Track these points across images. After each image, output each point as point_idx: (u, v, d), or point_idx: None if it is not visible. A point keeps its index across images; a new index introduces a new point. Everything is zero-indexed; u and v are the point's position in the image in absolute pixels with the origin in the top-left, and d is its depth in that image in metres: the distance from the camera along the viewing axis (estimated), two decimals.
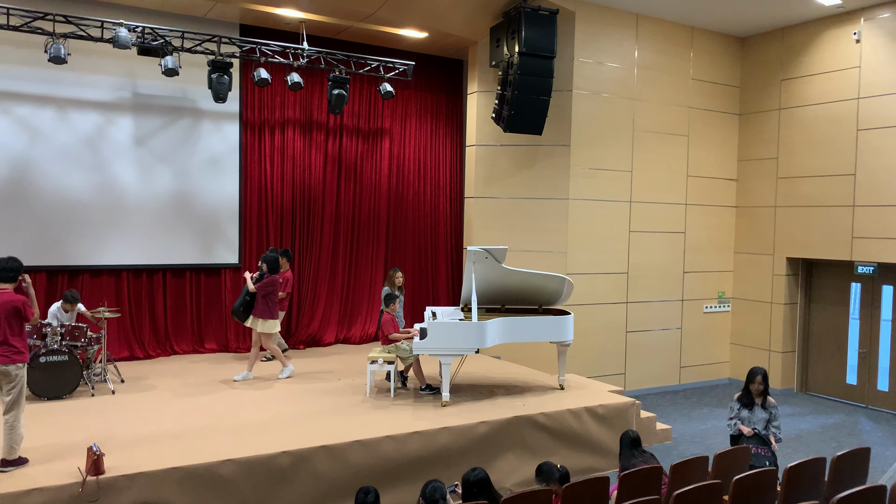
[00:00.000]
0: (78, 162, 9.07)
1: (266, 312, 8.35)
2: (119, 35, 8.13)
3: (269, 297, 8.34)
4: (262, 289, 8.29)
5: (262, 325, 8.35)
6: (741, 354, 11.81)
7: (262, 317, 8.34)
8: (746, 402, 6.38)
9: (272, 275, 8.41)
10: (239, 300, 8.48)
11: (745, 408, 6.37)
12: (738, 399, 6.47)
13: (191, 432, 6.30)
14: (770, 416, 6.30)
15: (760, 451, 6.13)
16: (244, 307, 8.43)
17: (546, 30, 9.26)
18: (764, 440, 6.20)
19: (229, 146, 10.00)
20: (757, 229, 11.60)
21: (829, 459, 5.08)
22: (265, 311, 8.34)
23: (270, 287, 8.35)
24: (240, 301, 8.45)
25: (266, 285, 8.32)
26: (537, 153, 10.30)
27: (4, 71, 8.62)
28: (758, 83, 11.57)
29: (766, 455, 6.14)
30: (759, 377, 6.36)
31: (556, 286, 8.23)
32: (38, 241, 8.85)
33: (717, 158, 11.70)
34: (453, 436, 6.59)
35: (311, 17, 9.49)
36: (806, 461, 4.79)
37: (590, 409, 7.45)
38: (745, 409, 6.37)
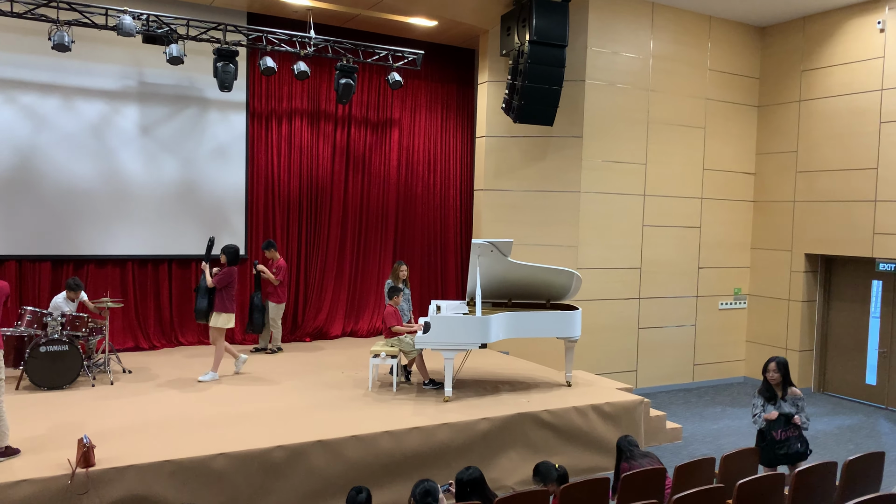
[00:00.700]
0: (83, 150, 9.02)
1: (220, 306, 7.90)
2: (123, 22, 8.06)
3: (226, 290, 7.91)
4: (219, 282, 7.87)
5: (215, 318, 7.92)
6: (757, 353, 11.53)
7: (216, 310, 7.92)
8: (768, 396, 5.99)
9: (231, 266, 8.02)
10: (202, 300, 7.91)
11: (769, 402, 5.96)
12: (760, 393, 6.06)
13: (186, 424, 6.21)
14: (797, 408, 5.89)
15: (790, 433, 5.78)
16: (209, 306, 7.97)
17: (558, 18, 9.04)
18: (789, 420, 5.81)
19: (236, 136, 9.91)
20: (775, 225, 11.29)
21: (841, 463, 4.86)
22: (220, 304, 7.90)
23: (228, 279, 7.92)
24: (203, 301, 7.90)
25: (223, 278, 7.89)
26: (549, 145, 10.08)
27: (10, 59, 8.58)
28: (778, 74, 11.25)
29: (795, 435, 5.77)
30: (773, 364, 5.96)
31: (564, 281, 8.04)
32: (43, 230, 8.82)
33: (735, 152, 11.40)
34: (453, 432, 6.44)
35: (319, 4, 9.35)
36: (815, 465, 4.58)
37: (596, 407, 7.26)
38: (770, 403, 5.96)
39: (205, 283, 7.93)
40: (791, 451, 5.73)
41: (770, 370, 5.95)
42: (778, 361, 5.97)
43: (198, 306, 7.94)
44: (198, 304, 7.93)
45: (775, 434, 5.80)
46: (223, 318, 7.94)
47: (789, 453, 5.73)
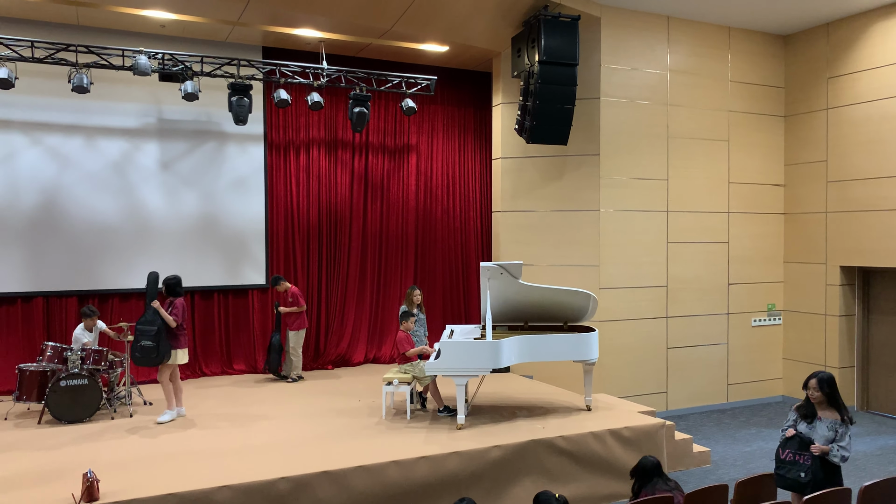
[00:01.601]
0: (106, 188, 9.26)
1: (177, 342, 7.43)
2: (138, 62, 8.28)
3: (181, 325, 7.46)
4: (178, 317, 7.40)
5: (173, 356, 7.43)
6: (795, 370, 11.09)
7: (175, 347, 7.43)
8: (806, 413, 5.37)
9: (176, 298, 7.51)
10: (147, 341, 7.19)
11: (804, 419, 5.34)
12: (797, 409, 5.47)
13: (195, 456, 6.22)
14: (836, 435, 5.19)
15: (798, 458, 5.18)
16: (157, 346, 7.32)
17: (567, 37, 8.96)
18: (806, 444, 5.22)
19: (254, 167, 10.05)
20: (807, 237, 10.91)
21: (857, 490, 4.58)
22: (176, 340, 7.42)
23: (183, 313, 7.48)
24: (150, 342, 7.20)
25: (180, 312, 7.44)
26: (566, 164, 9.96)
27: (35, 102, 8.90)
28: (803, 82, 10.94)
29: (805, 462, 5.14)
30: (813, 381, 5.30)
31: (580, 302, 7.88)
32: (68, 266, 9.05)
33: (762, 163, 11.09)
34: (463, 461, 6.31)
35: (330, 36, 9.48)
36: (826, 492, 4.32)
37: (614, 432, 7.04)
38: (804, 420, 5.34)
39: (158, 322, 7.26)
40: (788, 477, 5.21)
41: (810, 387, 5.35)
42: (820, 378, 5.32)
43: (143, 349, 7.17)
44: (143, 344, 7.18)
45: (781, 452, 5.36)
46: (181, 354, 7.46)
47: (787, 478, 5.23)
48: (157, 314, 7.31)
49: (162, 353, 7.27)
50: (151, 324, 7.24)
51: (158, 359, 7.26)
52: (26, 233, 8.89)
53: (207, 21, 8.76)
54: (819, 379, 5.31)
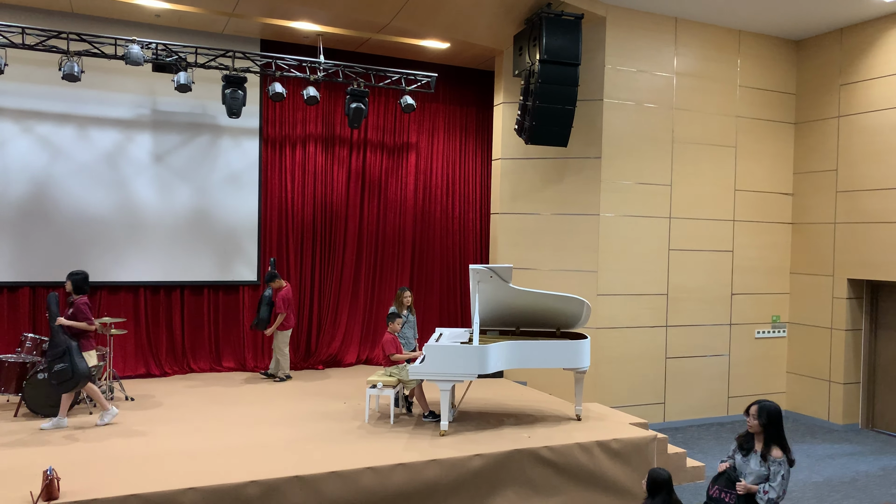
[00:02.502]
0: (98, 179, 9.13)
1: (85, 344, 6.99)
2: (130, 51, 8.15)
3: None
4: (87, 317, 6.96)
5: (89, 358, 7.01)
6: (799, 385, 10.78)
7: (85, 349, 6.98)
8: (742, 445, 5.01)
9: (79, 298, 7.04)
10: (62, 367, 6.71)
11: (741, 451, 5.00)
12: (738, 439, 5.11)
13: (166, 456, 6.05)
14: (769, 474, 4.78)
15: (723, 496, 4.85)
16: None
17: (570, 36, 8.73)
18: (733, 482, 4.88)
19: (249, 162, 9.89)
20: (815, 248, 10.60)
21: None
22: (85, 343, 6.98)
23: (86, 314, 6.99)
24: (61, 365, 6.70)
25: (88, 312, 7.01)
26: (566, 166, 9.73)
27: (27, 90, 8.78)
28: (814, 89, 10.63)
29: (729, 502, 4.85)
30: (754, 408, 4.84)
31: (573, 308, 7.64)
32: (57, 257, 8.92)
33: (770, 171, 10.79)
34: (443, 469, 6.09)
35: (328, 29, 9.30)
36: None
37: (602, 444, 6.80)
38: (740, 452, 5.00)
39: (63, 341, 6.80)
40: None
41: (750, 415, 4.91)
42: (761, 406, 4.85)
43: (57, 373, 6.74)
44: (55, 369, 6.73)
45: (710, 487, 5.01)
46: (88, 356, 7.00)
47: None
48: (60, 332, 6.84)
49: (78, 370, 6.77)
50: (57, 346, 6.79)
51: (76, 378, 6.79)
52: (15, 222, 8.77)
53: (202, 11, 8.61)
54: (760, 407, 4.84)
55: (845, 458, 8.77)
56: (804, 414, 10.63)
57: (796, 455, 8.70)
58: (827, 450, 9.16)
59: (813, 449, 9.17)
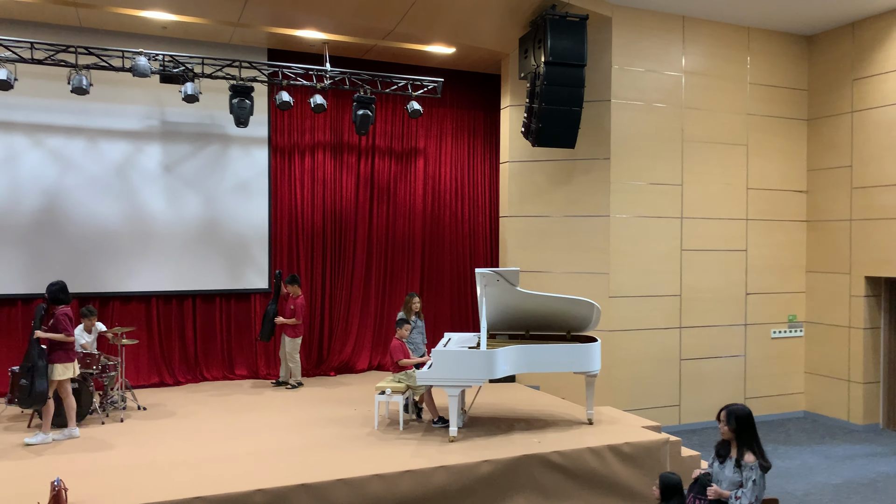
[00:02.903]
0: (108, 190, 9.21)
1: (58, 355, 6.85)
2: (137, 63, 8.21)
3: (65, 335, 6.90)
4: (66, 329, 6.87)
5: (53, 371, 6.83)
6: (817, 385, 10.61)
7: (54, 361, 6.83)
8: (720, 452, 4.85)
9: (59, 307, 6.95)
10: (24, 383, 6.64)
11: (718, 457, 4.85)
12: (715, 446, 4.97)
13: (174, 465, 6.07)
14: (742, 479, 4.64)
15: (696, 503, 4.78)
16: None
17: (575, 37, 8.68)
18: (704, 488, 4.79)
19: (258, 171, 9.94)
20: (831, 245, 10.43)
21: None
22: (58, 354, 6.86)
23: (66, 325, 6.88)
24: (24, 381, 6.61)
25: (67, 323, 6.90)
26: (575, 168, 9.67)
27: (37, 104, 8.89)
28: (827, 85, 10.48)
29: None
30: (723, 414, 4.70)
31: (583, 311, 7.58)
32: (70, 269, 9.00)
33: (783, 169, 10.65)
34: (451, 476, 6.05)
35: (334, 37, 9.33)
36: None
37: (614, 448, 6.72)
38: (717, 459, 4.86)
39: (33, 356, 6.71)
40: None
41: (721, 420, 4.79)
42: (729, 411, 4.71)
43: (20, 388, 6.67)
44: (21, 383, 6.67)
45: (687, 494, 4.90)
46: (60, 368, 6.84)
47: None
48: (35, 345, 6.75)
49: (35, 391, 6.62)
50: (27, 360, 6.72)
51: (32, 398, 6.63)
52: (28, 235, 8.87)
53: (208, 22, 8.67)
54: (728, 412, 4.69)
55: (865, 459, 8.61)
56: (823, 414, 10.45)
57: (814, 456, 8.61)
58: (846, 451, 8.99)
59: (832, 450, 9.01)
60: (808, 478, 7.96)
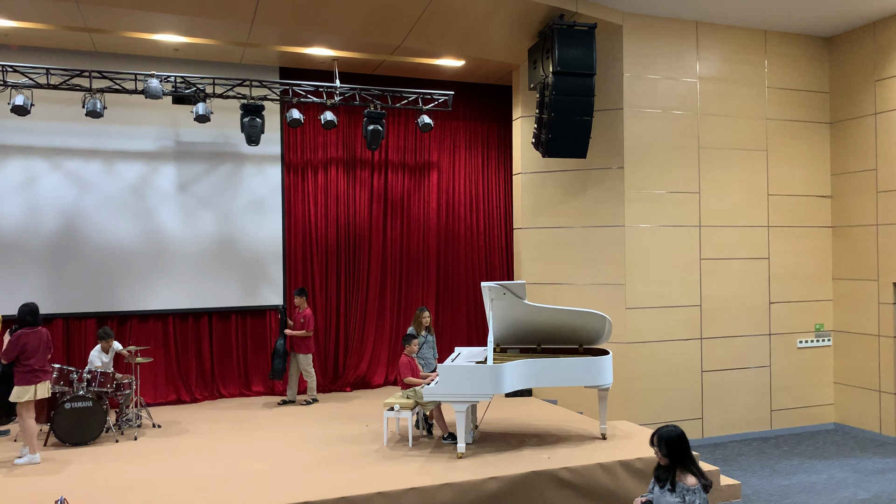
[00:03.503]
0: (124, 211, 9.37)
1: (18, 378, 6.78)
2: (150, 85, 8.36)
3: (19, 359, 6.77)
4: (6, 355, 6.76)
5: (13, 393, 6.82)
6: (847, 396, 10.26)
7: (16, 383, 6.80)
8: (660, 476, 4.41)
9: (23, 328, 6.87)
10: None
11: (658, 482, 4.41)
12: (655, 470, 4.54)
13: (177, 484, 6.08)
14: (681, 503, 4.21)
15: None
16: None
17: (583, 46, 8.59)
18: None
19: (272, 188, 10.01)
20: (857, 251, 10.11)
21: None
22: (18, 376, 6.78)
23: (16, 349, 6.75)
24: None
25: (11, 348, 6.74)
26: (588, 178, 9.54)
27: (55, 128, 9.09)
28: (849, 87, 10.21)
29: None
30: (655, 437, 4.32)
31: (594, 324, 7.44)
32: (88, 288, 9.16)
33: (806, 174, 10.37)
34: (456, 493, 5.96)
35: (343, 54, 9.39)
36: None
37: (625, 463, 6.56)
38: (658, 484, 4.41)
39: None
40: None
41: (653, 445, 4.39)
42: (659, 435, 4.32)
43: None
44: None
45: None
46: (19, 391, 6.77)
47: None
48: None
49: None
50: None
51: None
52: (47, 255, 9.05)
53: (217, 42, 8.79)
54: (658, 436, 4.32)
55: (892, 474, 8.27)
56: (854, 426, 10.10)
57: (843, 470, 8.33)
58: (877, 464, 8.66)
59: (861, 463, 8.69)
60: (834, 493, 7.67)
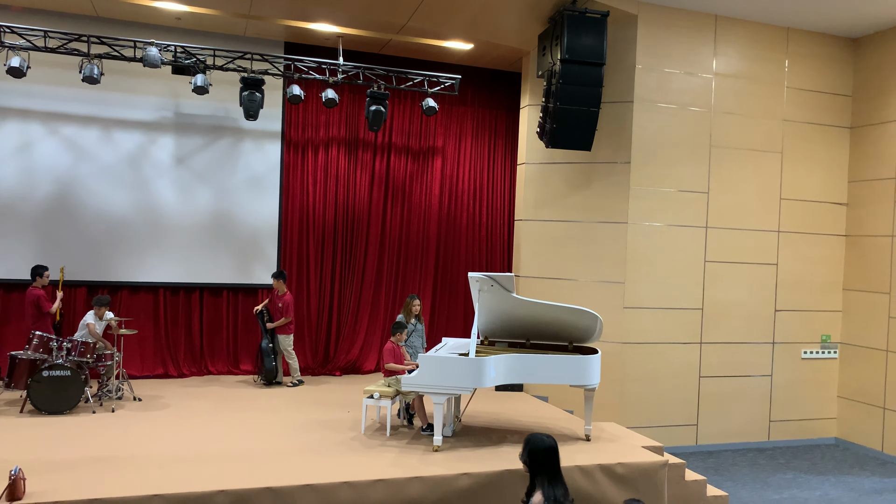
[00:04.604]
0: (120, 180, 9.25)
1: None
2: (148, 54, 8.21)
3: None
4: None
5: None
6: (851, 411, 9.93)
7: None
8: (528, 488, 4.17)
9: None
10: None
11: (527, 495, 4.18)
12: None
13: (145, 460, 5.94)
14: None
15: None
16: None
17: (594, 34, 8.30)
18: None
19: (271, 165, 9.85)
20: (870, 262, 9.75)
21: None
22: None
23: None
24: None
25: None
26: (593, 172, 9.27)
27: (54, 93, 8.98)
28: (872, 90, 9.81)
29: None
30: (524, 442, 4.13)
31: (586, 322, 7.19)
32: (80, 257, 9.08)
33: (822, 179, 10.01)
34: (426, 488, 5.77)
35: (348, 31, 9.17)
36: None
37: (605, 468, 6.33)
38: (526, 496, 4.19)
39: None
40: None
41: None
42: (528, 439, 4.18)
43: None
44: None
45: None
46: None
47: None
48: None
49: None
50: None
51: None
52: (40, 222, 8.97)
53: (218, 13, 8.61)
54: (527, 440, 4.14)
55: (893, 494, 7.96)
56: (856, 443, 9.78)
57: (838, 488, 8.04)
58: (875, 484, 8.35)
59: (859, 482, 8.39)
60: None
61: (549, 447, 4.07)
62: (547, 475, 4.04)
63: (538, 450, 4.07)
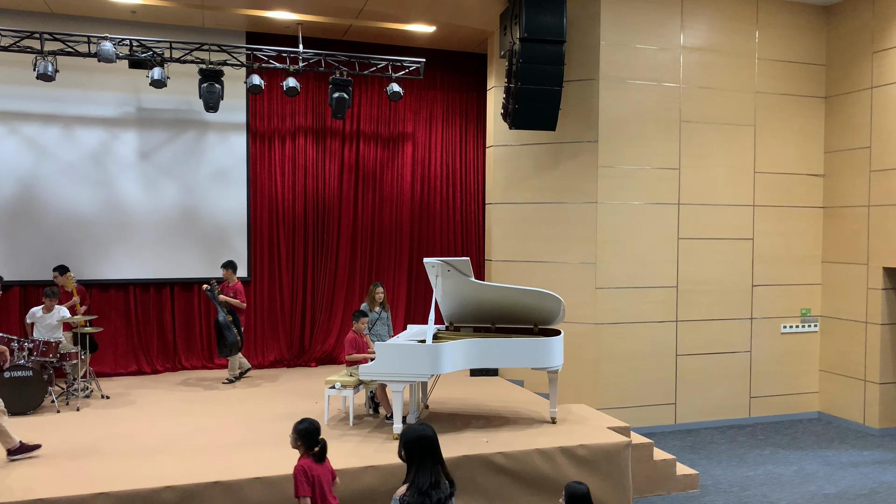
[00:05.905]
0: (84, 178, 9.18)
1: None
2: (102, 48, 8.10)
3: None
4: None
5: None
6: (833, 384, 9.82)
7: None
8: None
9: None
10: None
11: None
12: None
13: (95, 457, 5.90)
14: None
15: None
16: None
17: (553, 11, 8.15)
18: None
19: (236, 158, 9.75)
20: (848, 234, 9.61)
21: None
22: None
23: None
24: None
25: None
26: (561, 152, 9.14)
27: (12, 91, 8.89)
28: (846, 59, 9.62)
29: None
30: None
31: (549, 304, 7.10)
32: (46, 257, 9.01)
33: (797, 151, 9.85)
34: (381, 476, 5.71)
35: (307, 17, 9.04)
36: None
37: (566, 450, 6.25)
38: None
39: None
40: None
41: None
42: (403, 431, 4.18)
43: None
44: None
45: None
46: None
47: None
48: None
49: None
50: None
51: None
52: (4, 222, 8.91)
53: (175, 5, 8.49)
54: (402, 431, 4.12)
55: (870, 467, 7.87)
56: (838, 416, 9.68)
57: (815, 462, 7.98)
58: (852, 457, 8.26)
59: (837, 456, 8.29)
60: (799, 486, 7.31)
61: (421, 436, 3.96)
62: (416, 466, 3.93)
63: (411, 439, 3.98)
